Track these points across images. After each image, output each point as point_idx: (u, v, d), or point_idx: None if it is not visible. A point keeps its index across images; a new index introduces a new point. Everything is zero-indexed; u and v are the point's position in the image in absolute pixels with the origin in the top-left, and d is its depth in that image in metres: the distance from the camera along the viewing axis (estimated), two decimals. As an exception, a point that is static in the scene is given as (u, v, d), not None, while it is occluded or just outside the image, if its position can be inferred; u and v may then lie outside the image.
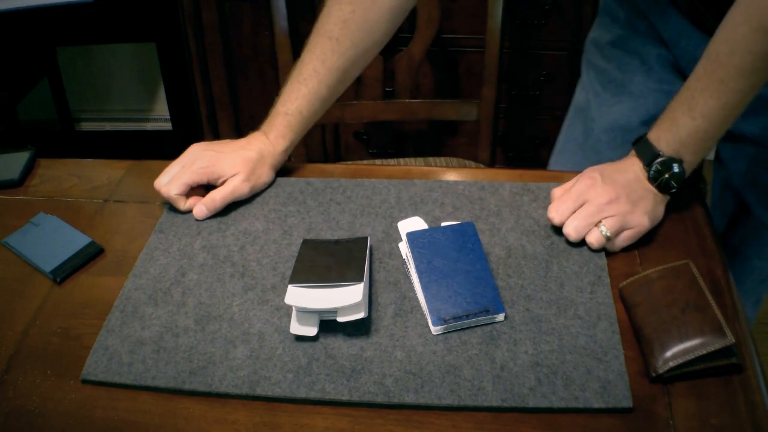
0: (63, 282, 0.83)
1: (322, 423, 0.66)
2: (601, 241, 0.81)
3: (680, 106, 0.81)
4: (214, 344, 0.73)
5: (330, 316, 0.73)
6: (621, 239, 0.82)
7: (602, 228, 0.81)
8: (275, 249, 0.84)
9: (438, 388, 0.68)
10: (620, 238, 0.82)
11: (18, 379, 0.71)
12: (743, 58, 0.76)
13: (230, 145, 0.94)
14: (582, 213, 0.82)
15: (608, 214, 0.81)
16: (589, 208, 0.82)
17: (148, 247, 0.86)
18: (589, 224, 0.82)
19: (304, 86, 0.95)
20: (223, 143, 0.94)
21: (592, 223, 0.81)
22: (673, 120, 0.82)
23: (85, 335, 0.76)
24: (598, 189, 0.82)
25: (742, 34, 0.75)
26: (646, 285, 0.73)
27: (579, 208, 0.83)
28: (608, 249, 0.82)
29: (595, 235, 0.81)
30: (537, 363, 0.69)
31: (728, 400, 0.66)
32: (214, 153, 0.91)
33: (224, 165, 0.90)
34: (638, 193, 0.83)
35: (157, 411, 0.68)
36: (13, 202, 0.96)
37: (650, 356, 0.68)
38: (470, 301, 0.74)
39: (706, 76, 0.79)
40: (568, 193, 0.84)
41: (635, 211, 0.82)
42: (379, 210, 0.89)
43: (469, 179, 0.94)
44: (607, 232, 0.81)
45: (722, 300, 0.74)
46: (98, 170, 1.01)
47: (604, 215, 0.81)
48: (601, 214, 0.81)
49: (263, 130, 0.96)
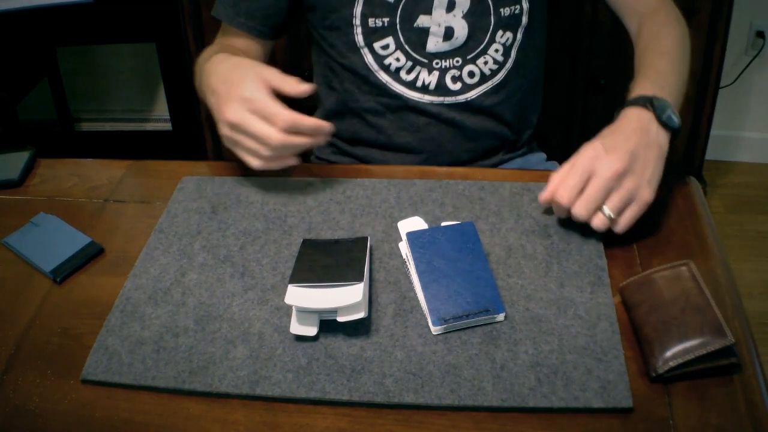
0: (63, 282, 0.83)
1: (322, 423, 0.66)
2: (606, 223, 0.80)
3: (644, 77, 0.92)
4: (214, 344, 0.73)
5: (330, 316, 0.73)
6: (625, 219, 0.80)
7: (605, 209, 0.79)
8: (275, 249, 0.84)
9: (438, 388, 0.68)
10: (624, 218, 0.80)
11: (18, 379, 0.71)
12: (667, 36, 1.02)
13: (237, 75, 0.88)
14: (591, 190, 0.79)
15: (615, 191, 0.79)
16: (597, 183, 0.79)
17: (148, 247, 0.86)
18: (599, 201, 0.79)
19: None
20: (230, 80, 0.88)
21: (603, 200, 0.79)
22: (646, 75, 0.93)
23: (85, 335, 0.76)
24: (603, 160, 0.80)
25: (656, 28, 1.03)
26: (646, 285, 0.73)
27: (586, 184, 0.80)
28: (613, 229, 0.81)
29: (600, 218, 0.80)
30: (537, 363, 0.69)
31: (728, 400, 0.66)
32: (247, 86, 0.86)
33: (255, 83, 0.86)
34: (644, 144, 0.82)
35: (157, 411, 0.68)
36: (13, 202, 0.96)
37: (650, 356, 0.68)
38: (470, 301, 0.74)
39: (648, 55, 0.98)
40: (573, 170, 0.81)
41: (642, 184, 0.80)
42: (379, 210, 0.89)
43: (469, 179, 0.94)
44: (611, 213, 0.79)
45: (722, 300, 0.74)
46: (98, 170, 1.02)
47: (613, 190, 0.79)
48: (610, 190, 0.79)
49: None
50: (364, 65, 1.07)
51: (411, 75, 1.07)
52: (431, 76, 1.07)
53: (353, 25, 1.04)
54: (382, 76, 1.08)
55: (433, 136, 1.11)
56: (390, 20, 1.03)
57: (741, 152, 2.38)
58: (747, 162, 2.39)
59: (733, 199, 2.25)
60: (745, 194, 2.27)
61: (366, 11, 1.03)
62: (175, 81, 2.11)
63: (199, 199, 0.93)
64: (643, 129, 0.84)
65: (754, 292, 1.93)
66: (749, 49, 2.17)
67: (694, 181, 0.92)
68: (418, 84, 1.07)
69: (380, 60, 1.06)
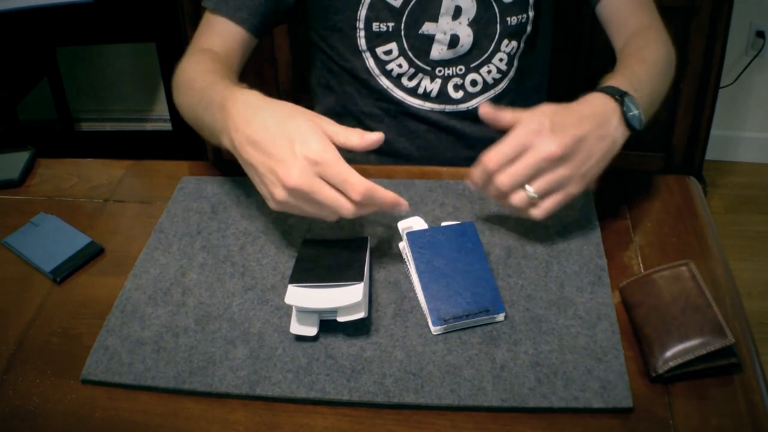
0: (63, 282, 0.83)
1: (322, 423, 0.66)
2: (525, 203, 0.76)
3: (621, 75, 0.87)
4: (214, 344, 0.73)
5: (330, 316, 0.73)
6: (546, 205, 0.76)
7: (529, 189, 0.75)
8: (275, 249, 0.84)
9: (438, 388, 0.67)
10: (546, 204, 0.76)
11: (18, 379, 0.71)
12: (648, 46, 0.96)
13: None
14: (520, 165, 0.74)
15: (545, 174, 0.75)
16: (529, 160, 0.74)
17: (148, 247, 0.86)
18: (526, 178, 0.75)
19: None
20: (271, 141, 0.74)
21: (529, 178, 0.75)
22: (622, 73, 0.87)
23: (85, 335, 0.76)
24: (543, 138, 0.74)
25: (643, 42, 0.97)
26: (646, 285, 0.73)
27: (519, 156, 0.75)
28: (529, 213, 0.77)
29: (521, 196, 0.76)
30: (537, 363, 0.69)
31: (728, 400, 0.66)
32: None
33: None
34: (596, 134, 0.77)
35: (157, 411, 0.68)
36: (13, 202, 0.96)
37: (650, 356, 0.68)
38: (470, 301, 0.74)
39: (630, 60, 0.93)
40: (510, 139, 0.75)
41: (575, 176, 0.76)
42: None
43: (469, 179, 0.94)
44: (534, 194, 0.75)
45: (722, 300, 0.74)
46: (98, 170, 1.02)
47: (545, 172, 0.75)
48: (542, 170, 0.74)
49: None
50: (365, 69, 1.06)
51: (413, 82, 1.06)
52: (433, 84, 1.06)
53: (356, 28, 1.03)
54: (383, 81, 1.07)
55: (432, 143, 1.10)
56: (395, 25, 1.02)
57: (741, 152, 2.38)
58: (747, 162, 2.39)
59: (733, 199, 2.25)
60: (745, 194, 2.27)
61: (371, 15, 1.02)
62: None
63: (199, 199, 0.93)
64: (602, 118, 0.78)
65: (754, 292, 1.93)
66: (749, 49, 2.17)
67: (694, 181, 0.92)
68: (420, 91, 1.07)
69: (382, 65, 1.06)
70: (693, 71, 1.91)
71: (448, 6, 1.01)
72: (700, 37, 1.85)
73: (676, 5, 1.83)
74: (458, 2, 1.01)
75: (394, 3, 1.01)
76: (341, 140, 0.74)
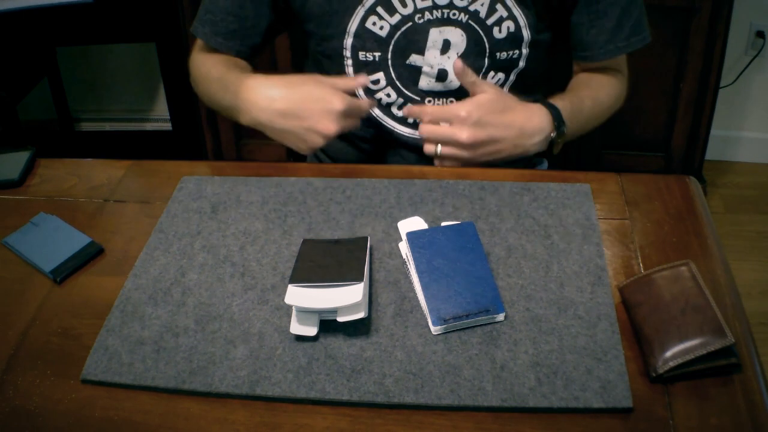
0: (63, 282, 0.83)
1: (322, 423, 0.66)
2: (431, 152, 0.96)
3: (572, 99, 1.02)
4: (214, 344, 0.73)
5: (330, 316, 0.73)
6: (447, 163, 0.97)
7: (438, 147, 0.95)
8: (275, 249, 0.85)
9: (438, 388, 0.68)
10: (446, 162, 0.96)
11: (18, 379, 0.71)
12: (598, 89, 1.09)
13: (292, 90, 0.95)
14: (438, 129, 0.94)
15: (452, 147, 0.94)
16: (444, 131, 0.94)
17: (148, 247, 0.86)
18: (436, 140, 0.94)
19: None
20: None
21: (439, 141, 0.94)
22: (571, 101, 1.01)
23: (85, 335, 0.76)
24: (463, 126, 0.92)
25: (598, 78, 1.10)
26: (646, 285, 0.73)
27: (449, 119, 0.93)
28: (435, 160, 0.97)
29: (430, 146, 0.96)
30: (537, 363, 0.69)
31: (728, 400, 0.66)
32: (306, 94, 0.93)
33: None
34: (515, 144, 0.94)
35: (157, 411, 0.68)
36: (13, 202, 0.96)
37: (650, 356, 0.68)
38: (470, 300, 0.74)
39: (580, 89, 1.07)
40: (448, 108, 0.94)
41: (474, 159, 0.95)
42: (379, 210, 0.89)
43: (469, 179, 0.94)
44: (439, 152, 0.95)
45: (722, 300, 0.74)
46: (98, 170, 1.02)
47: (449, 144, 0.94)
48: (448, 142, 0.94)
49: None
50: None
51: (402, 111, 1.06)
52: None
53: (344, 56, 1.03)
54: (373, 110, 1.07)
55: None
56: (381, 55, 1.02)
57: (741, 152, 2.38)
58: (747, 162, 2.39)
59: (733, 199, 2.25)
60: (745, 194, 2.27)
61: (357, 44, 1.01)
62: (175, 81, 2.11)
63: (199, 199, 0.93)
64: (529, 132, 0.95)
65: (754, 292, 1.93)
66: (749, 49, 2.17)
67: (694, 181, 0.92)
68: (410, 120, 1.06)
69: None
70: (693, 71, 1.91)
71: (436, 39, 1.00)
72: (700, 37, 1.85)
73: (676, 5, 1.83)
74: (447, 36, 1.00)
75: (380, 33, 1.00)
76: (341, 86, 0.94)
